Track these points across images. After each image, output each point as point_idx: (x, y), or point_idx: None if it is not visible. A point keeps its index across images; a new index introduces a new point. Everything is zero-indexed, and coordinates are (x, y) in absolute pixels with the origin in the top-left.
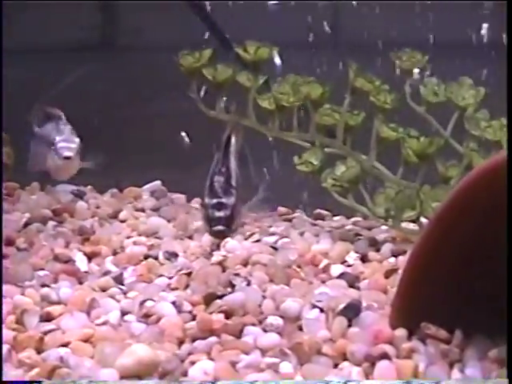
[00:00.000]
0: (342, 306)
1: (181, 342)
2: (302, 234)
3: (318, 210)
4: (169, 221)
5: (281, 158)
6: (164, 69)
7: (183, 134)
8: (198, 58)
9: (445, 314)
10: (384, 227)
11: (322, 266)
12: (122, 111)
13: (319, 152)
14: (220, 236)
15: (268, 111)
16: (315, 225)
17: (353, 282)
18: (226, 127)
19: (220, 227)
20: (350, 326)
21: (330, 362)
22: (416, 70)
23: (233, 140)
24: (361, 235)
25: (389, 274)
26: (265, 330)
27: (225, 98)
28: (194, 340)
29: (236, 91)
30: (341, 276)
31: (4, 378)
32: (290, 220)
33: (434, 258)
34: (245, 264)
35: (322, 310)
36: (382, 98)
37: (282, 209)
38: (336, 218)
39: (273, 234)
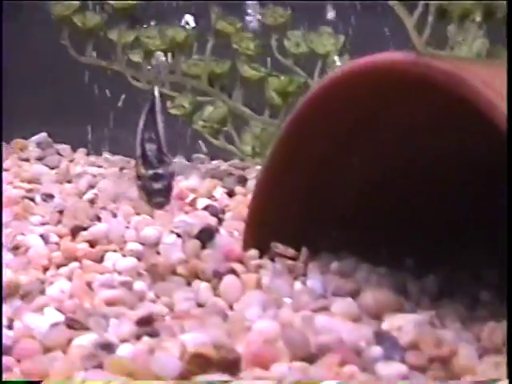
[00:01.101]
0: (196, 231)
1: (46, 269)
2: None
3: (196, 155)
4: (52, 168)
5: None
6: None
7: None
8: (68, 6)
9: (294, 232)
10: (258, 167)
11: (188, 200)
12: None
13: (190, 96)
14: (159, 207)
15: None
16: (193, 168)
17: (217, 213)
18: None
19: (160, 199)
20: (205, 248)
21: (182, 280)
22: None
23: (157, 99)
24: (233, 174)
25: None
26: (125, 256)
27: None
28: (58, 267)
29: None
30: (205, 208)
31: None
32: None
33: (280, 179)
34: (114, 200)
35: (179, 236)
36: (245, 44)
37: None
38: (214, 162)
39: None
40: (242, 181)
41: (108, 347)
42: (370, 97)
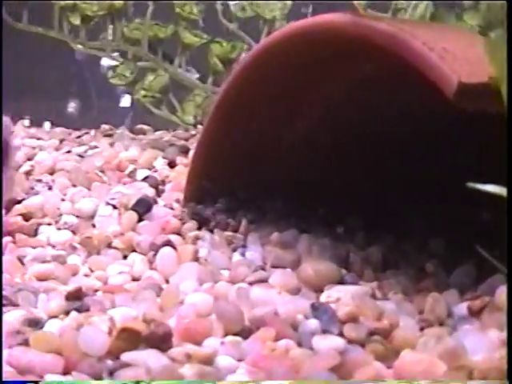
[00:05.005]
0: (133, 202)
1: None
2: (112, 144)
3: (140, 126)
4: None
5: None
6: None
7: None
8: None
9: (234, 202)
10: None
11: (127, 171)
12: None
13: (132, 65)
14: None
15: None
16: (135, 139)
17: (156, 183)
18: None
19: None
20: (142, 220)
21: (118, 253)
22: None
23: None
24: (175, 145)
25: None
26: (59, 229)
27: None
28: None
29: None
30: (145, 179)
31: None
32: (111, 136)
33: (219, 145)
34: (51, 172)
35: (115, 208)
36: (188, 8)
37: (105, 126)
38: (158, 133)
39: (83, 144)
40: (185, 151)
41: (35, 323)
42: (310, 58)
